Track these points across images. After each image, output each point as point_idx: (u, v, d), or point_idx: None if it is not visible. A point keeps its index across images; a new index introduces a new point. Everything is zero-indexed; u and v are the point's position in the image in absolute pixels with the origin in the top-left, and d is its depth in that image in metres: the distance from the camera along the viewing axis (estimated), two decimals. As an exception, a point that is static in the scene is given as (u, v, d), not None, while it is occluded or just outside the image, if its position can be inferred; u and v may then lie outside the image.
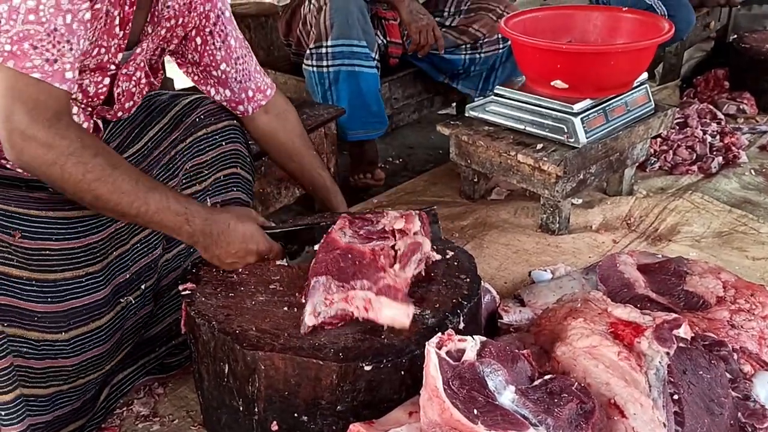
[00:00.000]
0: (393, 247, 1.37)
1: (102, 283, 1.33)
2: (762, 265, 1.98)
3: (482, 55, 2.77)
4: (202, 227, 1.31)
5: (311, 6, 2.47)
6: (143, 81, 1.49)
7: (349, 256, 1.33)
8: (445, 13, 2.83)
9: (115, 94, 1.43)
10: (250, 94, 1.64)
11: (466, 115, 2.32)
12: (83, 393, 1.36)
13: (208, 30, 1.54)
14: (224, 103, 1.64)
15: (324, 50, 2.42)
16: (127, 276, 1.41)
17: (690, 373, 1.20)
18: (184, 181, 1.55)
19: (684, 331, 1.26)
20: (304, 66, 2.51)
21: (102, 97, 1.42)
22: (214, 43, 1.56)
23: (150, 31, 1.43)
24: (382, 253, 1.35)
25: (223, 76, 1.60)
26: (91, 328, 1.32)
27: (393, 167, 2.94)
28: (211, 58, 1.57)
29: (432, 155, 3.02)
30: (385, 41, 2.65)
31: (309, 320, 1.24)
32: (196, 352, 1.31)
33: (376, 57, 2.48)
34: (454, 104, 3.35)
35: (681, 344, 1.23)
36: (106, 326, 1.35)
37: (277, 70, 2.86)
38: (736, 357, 1.33)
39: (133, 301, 1.42)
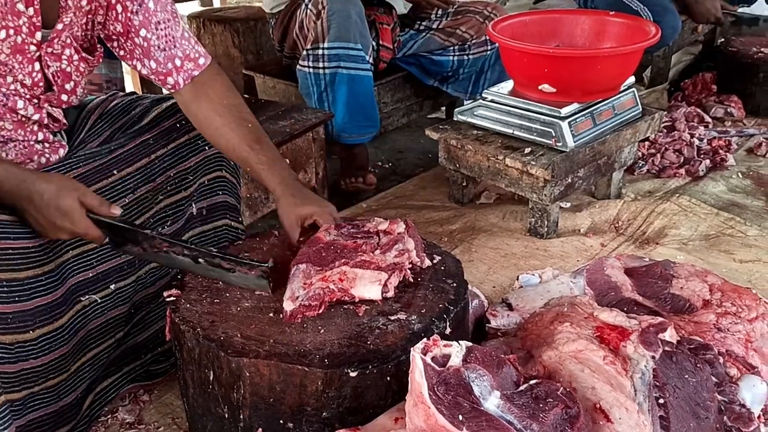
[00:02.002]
0: (377, 243, 1.39)
1: (57, 282, 1.32)
2: (749, 268, 1.99)
3: (470, 56, 2.78)
4: (13, 189, 1.23)
5: (309, 11, 2.47)
6: (76, 58, 1.42)
7: (332, 247, 1.36)
8: (433, 16, 2.83)
9: (50, 77, 1.39)
10: (178, 63, 1.50)
11: (455, 119, 2.33)
12: (56, 396, 1.35)
13: None
14: (152, 78, 1.51)
15: (321, 52, 2.42)
16: (90, 274, 1.39)
17: (675, 376, 1.20)
18: (169, 187, 1.54)
19: (670, 335, 1.26)
20: (298, 67, 2.51)
21: (41, 84, 1.38)
22: (131, 8, 1.45)
23: (70, 5, 1.37)
24: (365, 244, 1.38)
25: (146, 44, 1.48)
26: (55, 326, 1.31)
27: (382, 171, 2.94)
28: (130, 24, 1.46)
29: (421, 159, 3.02)
30: (377, 45, 2.65)
31: (287, 305, 1.25)
32: (181, 359, 1.30)
33: (371, 60, 2.49)
34: (443, 108, 3.35)
35: (667, 348, 1.23)
36: (65, 326, 1.34)
37: (266, 74, 2.86)
38: (722, 360, 1.33)
39: (99, 300, 1.40)
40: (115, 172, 1.45)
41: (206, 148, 1.60)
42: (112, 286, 1.43)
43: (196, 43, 1.55)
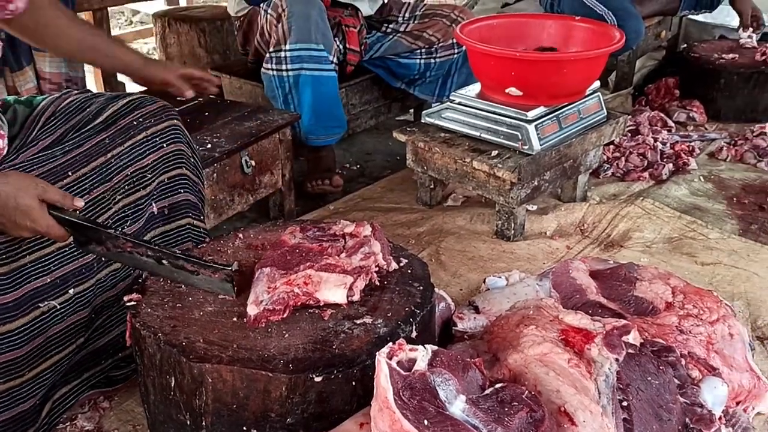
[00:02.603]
0: (343, 246, 1.38)
1: (10, 285, 1.29)
2: (710, 270, 2.02)
3: (437, 60, 2.78)
4: None
5: (269, 16, 2.46)
6: None
7: (297, 251, 1.35)
8: (400, 19, 2.83)
9: None
10: None
11: (422, 121, 2.33)
12: (10, 401, 1.31)
13: None
14: None
15: (283, 54, 2.40)
16: (48, 279, 1.36)
17: (639, 379, 1.21)
18: (126, 186, 1.50)
19: (633, 338, 1.27)
20: (263, 71, 2.49)
21: None
22: None
23: None
24: (331, 248, 1.37)
25: None
26: (7, 329, 1.28)
27: (350, 173, 2.93)
28: None
29: (389, 161, 3.02)
30: (343, 48, 2.64)
31: (251, 310, 1.24)
32: (142, 365, 1.27)
33: (335, 60, 2.48)
34: (411, 110, 3.35)
35: (630, 350, 1.24)
36: (19, 330, 1.30)
37: (233, 74, 2.83)
38: (684, 362, 1.35)
39: (58, 306, 1.37)
40: (69, 173, 1.41)
41: (164, 145, 1.56)
42: (71, 291, 1.39)
43: None
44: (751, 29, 3.39)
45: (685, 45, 3.57)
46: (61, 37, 1.60)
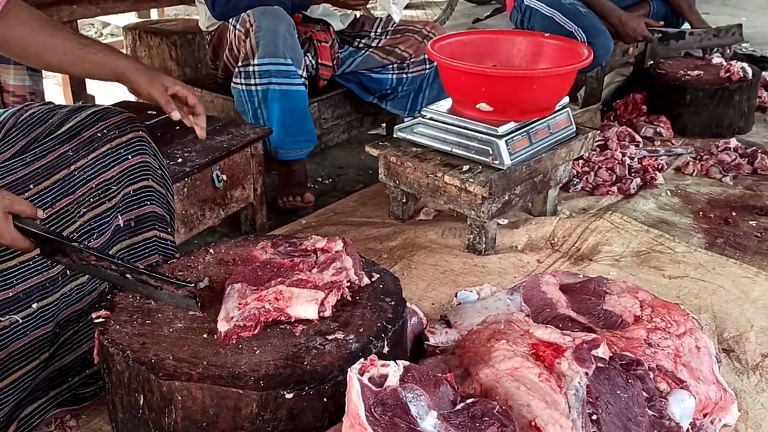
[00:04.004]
0: (315, 261, 1.38)
1: None
2: (678, 284, 2.05)
3: (409, 75, 2.81)
4: None
5: (237, 32, 2.46)
6: None
7: (268, 266, 1.35)
8: (372, 34, 2.85)
9: None
10: None
11: (395, 136, 2.34)
12: None
13: None
14: None
15: (251, 68, 2.40)
16: (10, 293, 1.33)
17: (608, 392, 1.22)
18: (91, 199, 1.48)
19: (602, 351, 1.29)
20: (232, 85, 2.49)
21: None
22: None
23: None
24: (302, 263, 1.36)
25: None
26: None
27: (322, 187, 2.92)
28: None
29: (362, 175, 3.02)
30: (315, 63, 2.65)
31: (221, 326, 1.23)
32: (110, 382, 1.25)
33: (304, 75, 2.48)
34: (383, 125, 3.37)
35: (599, 364, 1.26)
36: None
37: (204, 88, 2.82)
38: (652, 375, 1.37)
39: (20, 320, 1.34)
40: (31, 186, 1.39)
41: (129, 156, 1.54)
42: (35, 305, 1.37)
43: None
44: (720, 54, 3.46)
45: (652, 62, 3.64)
46: (39, 51, 1.53)
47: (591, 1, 3.36)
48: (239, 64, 2.45)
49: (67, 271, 1.42)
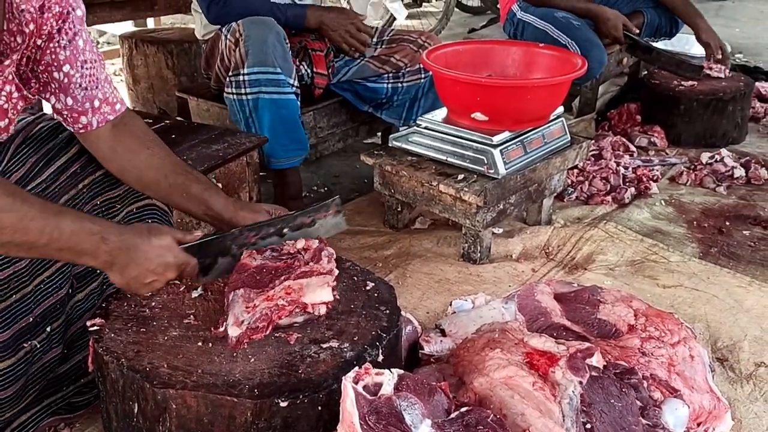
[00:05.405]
0: (304, 258, 1.43)
1: (1, 327, 1.27)
2: (672, 293, 2.06)
3: (404, 84, 2.81)
4: (119, 243, 1.22)
5: (227, 41, 2.47)
6: (15, 96, 1.35)
7: (264, 270, 1.38)
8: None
9: None
10: (96, 104, 1.44)
11: (390, 145, 2.34)
12: None
13: (56, 28, 1.35)
14: (64, 114, 1.43)
15: (241, 78, 2.41)
16: (30, 320, 1.33)
17: (602, 401, 1.23)
18: None
19: (596, 360, 1.29)
20: (225, 95, 2.50)
21: None
22: (59, 41, 1.36)
23: (20, 42, 1.29)
24: (296, 261, 1.41)
25: (66, 80, 1.40)
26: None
27: (318, 196, 2.93)
28: (54, 56, 1.37)
29: (357, 184, 3.03)
30: (311, 72, 2.66)
31: (232, 332, 1.23)
32: (105, 391, 1.25)
33: (295, 83, 2.49)
34: (379, 134, 3.38)
35: (593, 373, 1.26)
36: (6, 371, 1.28)
37: (200, 96, 2.82)
38: (646, 384, 1.37)
39: (38, 346, 1.35)
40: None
41: None
42: (48, 329, 1.38)
43: (116, 90, 1.52)
44: (719, 63, 3.45)
45: (646, 72, 3.67)
46: (141, 167, 1.49)
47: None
48: (230, 73, 2.46)
49: (70, 290, 1.42)
